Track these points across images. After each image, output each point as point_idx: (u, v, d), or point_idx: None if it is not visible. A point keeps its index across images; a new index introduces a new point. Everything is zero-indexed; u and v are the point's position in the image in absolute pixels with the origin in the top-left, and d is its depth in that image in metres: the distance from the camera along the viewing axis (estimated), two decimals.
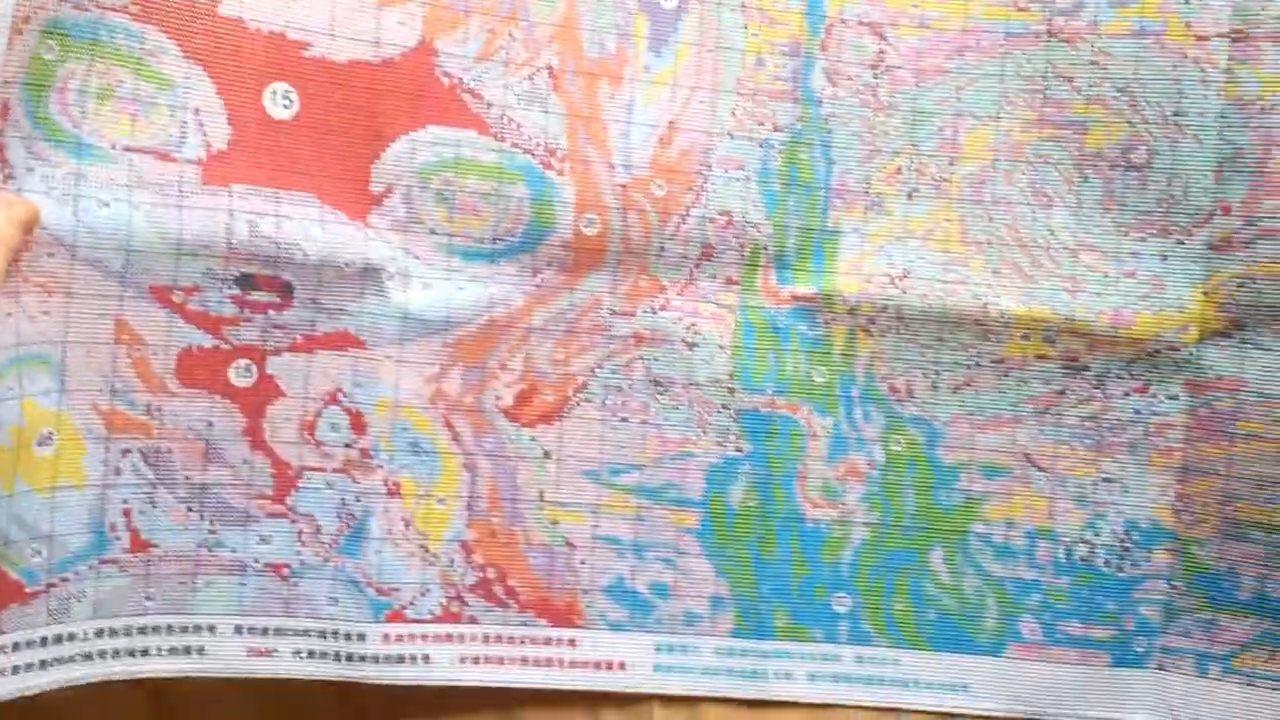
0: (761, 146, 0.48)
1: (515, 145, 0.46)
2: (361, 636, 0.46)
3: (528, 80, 0.46)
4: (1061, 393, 0.48)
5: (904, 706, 0.49)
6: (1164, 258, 0.47)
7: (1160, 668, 0.47)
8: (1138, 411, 0.48)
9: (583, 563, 0.48)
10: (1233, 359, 0.46)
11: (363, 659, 0.46)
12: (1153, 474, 0.48)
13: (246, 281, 0.43)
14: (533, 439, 0.48)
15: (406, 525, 0.46)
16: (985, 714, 0.48)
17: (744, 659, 0.49)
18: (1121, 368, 0.48)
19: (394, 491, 0.46)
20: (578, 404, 0.48)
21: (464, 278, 0.46)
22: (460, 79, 0.46)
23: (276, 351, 0.44)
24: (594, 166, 0.47)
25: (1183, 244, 0.47)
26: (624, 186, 0.47)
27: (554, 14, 0.46)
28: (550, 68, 0.46)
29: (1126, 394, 0.48)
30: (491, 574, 0.47)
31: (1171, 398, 0.47)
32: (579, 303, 0.47)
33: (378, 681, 0.46)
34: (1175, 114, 0.47)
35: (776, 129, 0.48)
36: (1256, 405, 0.46)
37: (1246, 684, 0.46)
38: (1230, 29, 0.46)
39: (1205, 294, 0.47)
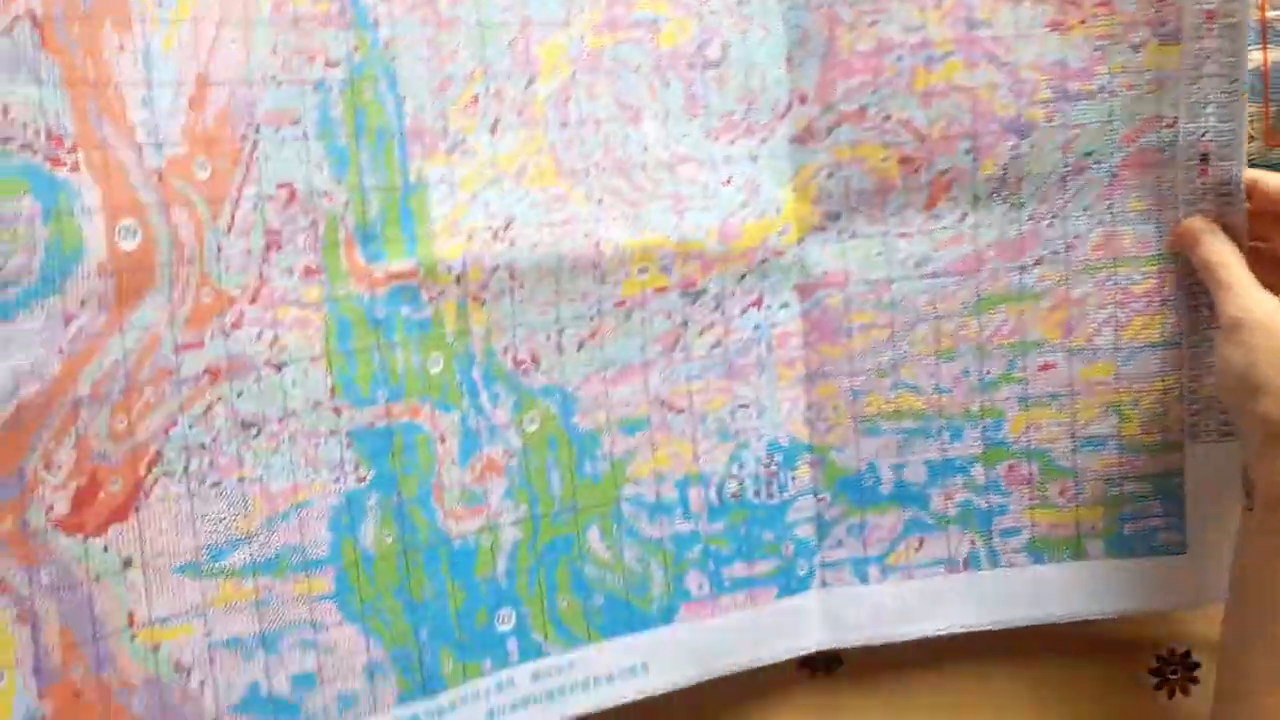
0: (316, 90, 0.37)
1: (6, 140, 0.30)
2: None
3: (5, 37, 0.30)
4: (684, 324, 0.43)
5: (584, 711, 0.43)
6: (754, 159, 0.44)
7: (824, 583, 0.46)
8: (757, 327, 0.44)
9: (202, 684, 0.35)
10: (834, 252, 0.45)
11: None
12: (782, 389, 0.45)
13: None
14: (105, 548, 0.33)
15: None
16: (669, 688, 0.44)
17: None
18: (735, 284, 0.44)
19: None
20: (154, 482, 0.34)
21: None
22: None
23: None
24: (117, 152, 0.32)
25: (766, 142, 0.44)
26: (159, 174, 0.33)
27: None
28: (33, 15, 0.31)
29: (744, 310, 0.44)
30: None
31: (785, 305, 0.45)
32: (133, 346, 0.33)
33: None
34: (740, 2, 0.43)
35: (330, 64, 0.37)
36: (864, 294, 0.45)
37: (905, 578, 0.46)
38: None
39: (796, 190, 0.44)
